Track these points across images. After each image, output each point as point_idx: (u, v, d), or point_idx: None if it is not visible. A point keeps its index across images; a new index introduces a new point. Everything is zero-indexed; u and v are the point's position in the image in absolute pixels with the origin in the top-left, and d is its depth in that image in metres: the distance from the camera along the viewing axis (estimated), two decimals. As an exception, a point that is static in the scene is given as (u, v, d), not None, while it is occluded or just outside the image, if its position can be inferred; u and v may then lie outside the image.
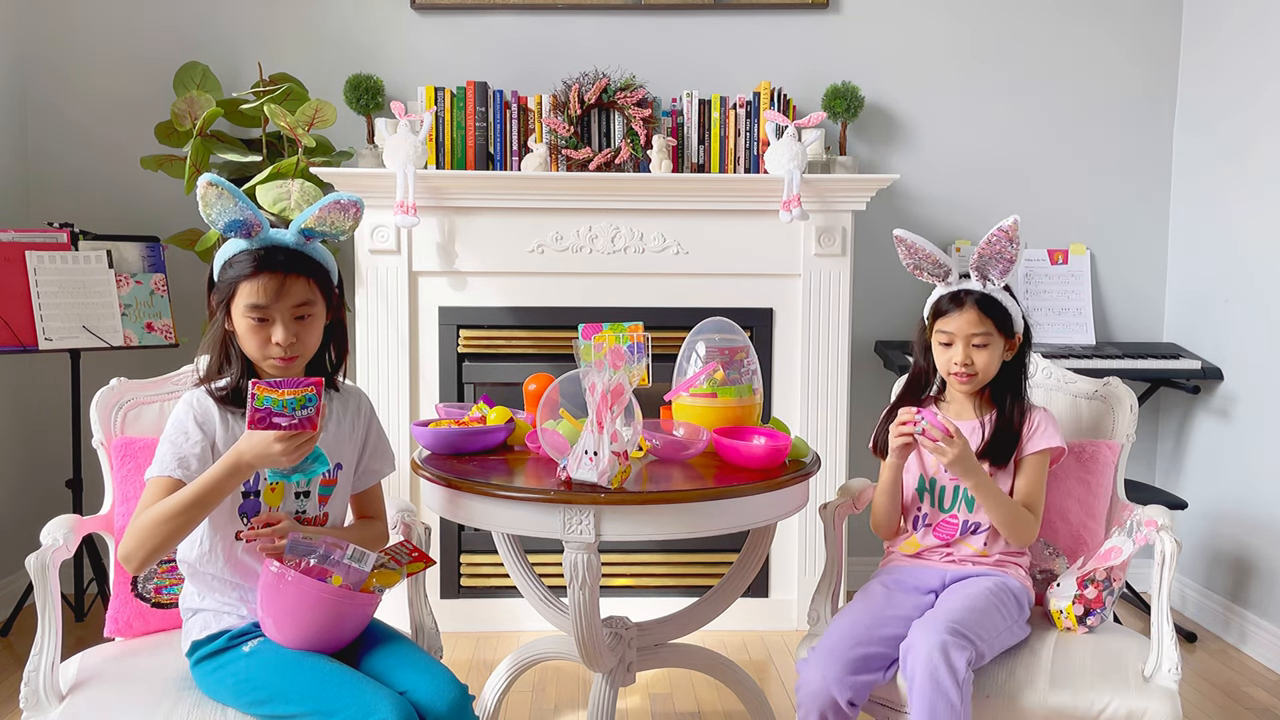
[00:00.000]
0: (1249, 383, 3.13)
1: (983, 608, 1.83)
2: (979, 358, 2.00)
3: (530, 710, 2.65)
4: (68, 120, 3.41)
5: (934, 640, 1.72)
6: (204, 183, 1.63)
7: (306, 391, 1.55)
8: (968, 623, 1.77)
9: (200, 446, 1.66)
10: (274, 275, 1.67)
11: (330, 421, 1.80)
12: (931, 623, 1.77)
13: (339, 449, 1.81)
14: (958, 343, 2.00)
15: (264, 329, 1.68)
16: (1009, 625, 1.87)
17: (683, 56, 3.43)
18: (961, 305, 2.00)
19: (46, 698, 1.66)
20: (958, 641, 1.72)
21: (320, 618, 1.61)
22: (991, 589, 1.90)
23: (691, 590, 3.22)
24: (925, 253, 2.02)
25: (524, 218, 3.11)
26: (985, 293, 2.00)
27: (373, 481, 1.91)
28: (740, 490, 1.84)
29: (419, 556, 1.75)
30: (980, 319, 1.99)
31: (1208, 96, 3.36)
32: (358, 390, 1.91)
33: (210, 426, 1.69)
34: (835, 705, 1.75)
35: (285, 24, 3.41)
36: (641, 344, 2.15)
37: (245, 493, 1.70)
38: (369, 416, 1.90)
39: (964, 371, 2.00)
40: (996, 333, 2.00)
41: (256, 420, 1.54)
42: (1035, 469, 2.01)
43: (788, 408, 3.19)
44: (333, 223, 1.73)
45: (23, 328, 2.87)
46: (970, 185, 3.51)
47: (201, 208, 1.65)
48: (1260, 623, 3.03)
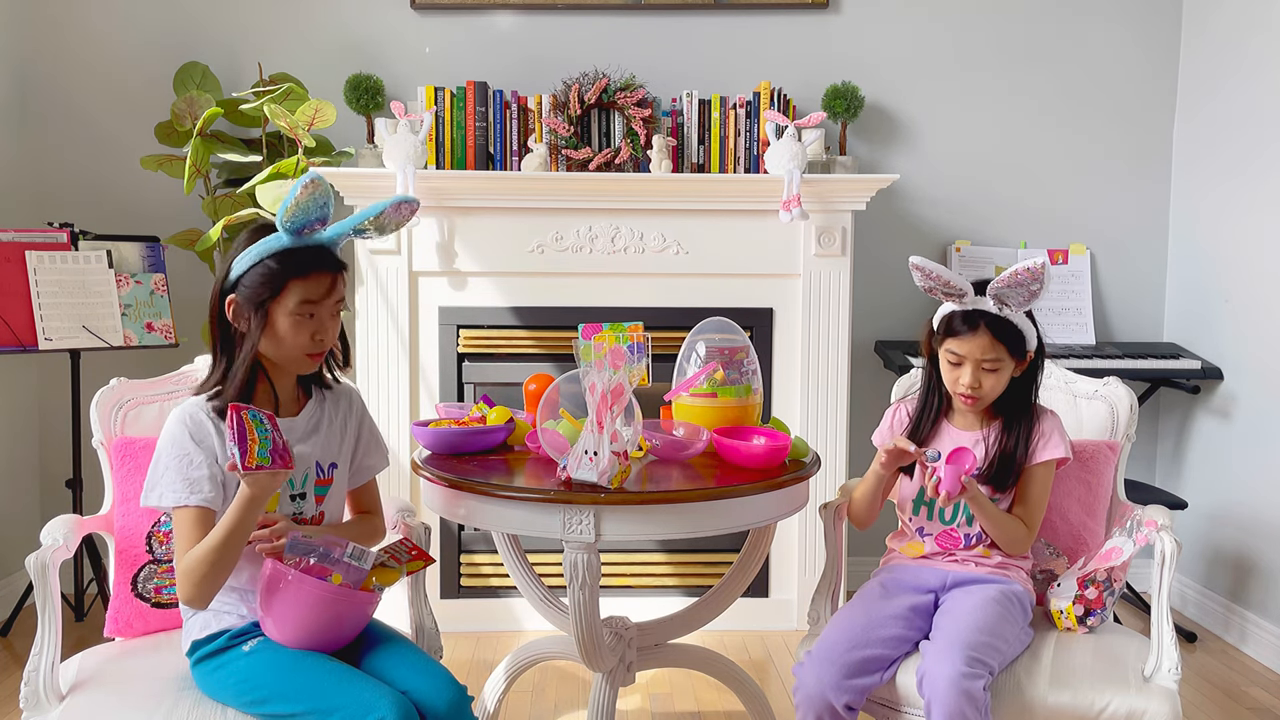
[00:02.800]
0: (1249, 383, 3.13)
1: (994, 624, 1.80)
2: (987, 381, 1.96)
3: (530, 710, 2.65)
4: (68, 120, 3.41)
5: (952, 671, 1.68)
6: (313, 180, 1.64)
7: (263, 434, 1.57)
8: (981, 644, 1.74)
9: (206, 466, 1.65)
10: (325, 273, 1.70)
11: (323, 423, 1.81)
12: (946, 648, 1.73)
13: (333, 448, 1.82)
14: (967, 365, 1.95)
15: (309, 325, 1.70)
16: (1017, 634, 1.86)
17: (683, 56, 3.43)
18: (975, 328, 1.94)
19: (46, 698, 1.66)
20: (974, 671, 1.69)
21: (319, 616, 1.61)
22: (998, 599, 1.87)
23: (691, 590, 3.22)
24: (942, 279, 1.95)
25: (524, 218, 3.11)
26: (999, 315, 1.94)
27: (368, 478, 1.91)
28: (740, 490, 1.84)
29: (418, 554, 1.75)
30: (992, 344, 1.93)
31: (1208, 96, 3.36)
32: (349, 388, 1.91)
33: (208, 442, 1.67)
34: (833, 710, 1.75)
35: (285, 24, 3.41)
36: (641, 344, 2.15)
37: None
38: (360, 413, 1.90)
39: (970, 395, 1.97)
40: (1008, 357, 1.96)
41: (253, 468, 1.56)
42: (1040, 481, 1.99)
43: (788, 408, 3.19)
44: (395, 223, 1.77)
45: (23, 328, 2.87)
46: (970, 185, 3.51)
47: (298, 199, 1.63)
48: (1260, 623, 3.03)
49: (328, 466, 1.80)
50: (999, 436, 2.01)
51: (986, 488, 1.98)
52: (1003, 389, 1.99)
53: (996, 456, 1.99)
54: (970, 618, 1.81)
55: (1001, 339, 1.94)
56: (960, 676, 1.68)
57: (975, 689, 1.68)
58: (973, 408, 2.01)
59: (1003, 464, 1.98)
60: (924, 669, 1.74)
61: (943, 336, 2.00)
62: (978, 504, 1.93)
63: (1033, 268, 1.89)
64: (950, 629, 1.80)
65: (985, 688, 1.70)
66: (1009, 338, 1.95)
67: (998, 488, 1.99)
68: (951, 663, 1.70)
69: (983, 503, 1.94)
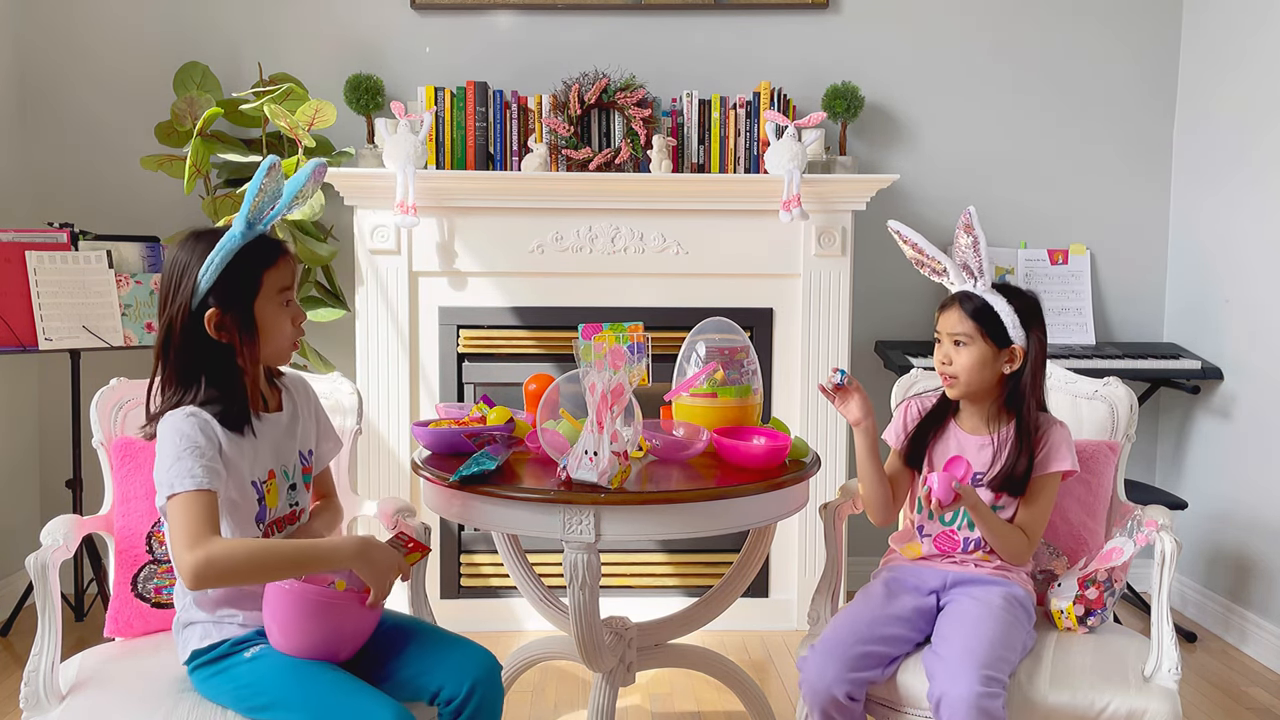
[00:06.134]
0: (1249, 383, 3.13)
1: (1004, 634, 1.79)
2: (958, 358, 1.97)
3: (530, 710, 2.65)
4: (68, 120, 3.41)
5: (969, 693, 1.66)
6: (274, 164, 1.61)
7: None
8: (995, 660, 1.72)
9: (218, 459, 1.59)
10: (286, 255, 1.69)
11: (298, 412, 1.81)
12: (960, 668, 1.71)
13: (310, 436, 1.83)
14: (943, 340, 2.00)
15: (288, 312, 1.68)
16: (1024, 639, 1.85)
17: (683, 56, 3.43)
18: (949, 304, 2.01)
19: (46, 698, 1.66)
20: (991, 690, 1.67)
21: (321, 626, 1.59)
22: (1003, 606, 1.85)
23: (691, 590, 3.22)
24: (919, 246, 2.05)
25: (524, 218, 3.11)
26: (970, 292, 1.99)
27: (326, 463, 1.92)
28: (740, 490, 1.84)
29: (415, 547, 1.73)
30: (960, 318, 1.97)
31: (1208, 96, 3.36)
32: (301, 376, 1.89)
33: (215, 437, 1.61)
34: (836, 701, 1.75)
35: (285, 24, 3.41)
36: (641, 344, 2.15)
37: (259, 499, 1.68)
38: (317, 401, 1.89)
39: (944, 371, 1.99)
40: (981, 337, 1.96)
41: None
42: (1046, 493, 1.98)
43: (788, 408, 3.19)
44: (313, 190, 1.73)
45: (23, 328, 2.87)
46: (970, 185, 3.50)
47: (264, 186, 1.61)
48: (1260, 623, 3.03)
49: (308, 454, 1.81)
50: (1011, 442, 1.99)
51: (996, 494, 1.97)
52: (980, 376, 1.97)
53: (1007, 461, 1.97)
54: (980, 630, 1.78)
55: (972, 316, 1.97)
56: (978, 697, 1.66)
57: (995, 708, 1.66)
58: (952, 389, 2.01)
59: (1013, 469, 1.97)
60: (939, 690, 1.70)
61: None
62: (978, 513, 1.93)
63: (961, 223, 2.01)
64: (960, 644, 1.76)
65: (1004, 705, 1.69)
66: (983, 318, 1.97)
67: (1010, 494, 1.97)
68: (968, 683, 1.67)
69: (983, 512, 1.93)
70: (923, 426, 2.08)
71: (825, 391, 2.04)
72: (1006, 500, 1.99)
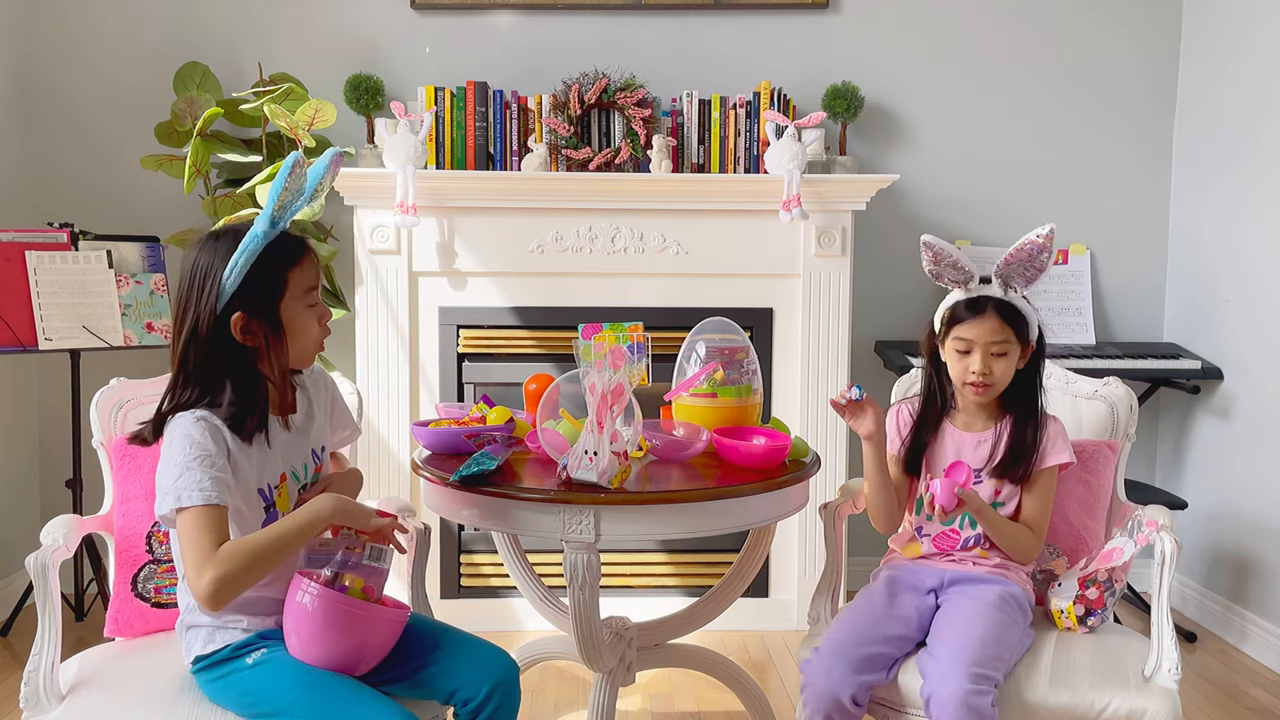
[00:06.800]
0: (1249, 383, 3.13)
1: (997, 632, 1.78)
2: (997, 367, 1.94)
3: (530, 710, 2.65)
4: (68, 120, 3.41)
5: (958, 690, 1.66)
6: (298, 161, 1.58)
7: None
8: (986, 657, 1.72)
9: (227, 470, 1.56)
10: (309, 253, 1.65)
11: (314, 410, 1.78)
12: (950, 666, 1.70)
13: (324, 433, 1.81)
14: (976, 351, 1.94)
15: (314, 312, 1.65)
16: (1019, 637, 1.85)
17: (682, 56, 3.43)
18: (981, 312, 1.94)
19: (46, 698, 1.66)
20: (980, 688, 1.67)
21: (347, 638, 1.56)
22: (998, 604, 1.85)
23: (691, 590, 3.22)
24: (952, 259, 1.96)
25: (524, 218, 3.11)
26: (1005, 299, 1.95)
27: (343, 448, 1.92)
28: (740, 490, 1.84)
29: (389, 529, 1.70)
30: (1000, 326, 1.93)
31: (1208, 96, 3.36)
32: (317, 368, 1.84)
33: (224, 443, 1.58)
34: (840, 705, 1.74)
35: (285, 24, 3.41)
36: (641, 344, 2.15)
37: (266, 506, 1.66)
38: (333, 390, 1.86)
39: (981, 382, 1.95)
40: (1015, 340, 1.95)
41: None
42: (1045, 486, 1.98)
43: (788, 408, 3.19)
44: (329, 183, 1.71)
45: (23, 328, 2.87)
46: (970, 185, 3.51)
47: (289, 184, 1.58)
48: (1260, 623, 3.03)
49: (320, 451, 1.79)
50: (1010, 432, 1.99)
51: (999, 481, 1.97)
52: (1010, 377, 1.97)
53: (1008, 451, 1.98)
54: (972, 629, 1.78)
55: (1009, 321, 1.94)
56: (966, 694, 1.66)
57: (983, 705, 1.66)
58: (983, 396, 1.98)
59: (1015, 457, 1.97)
60: (930, 688, 1.71)
61: (948, 328, 1.99)
62: (983, 516, 1.93)
63: (1042, 237, 1.90)
64: (952, 642, 1.76)
65: (994, 703, 1.69)
66: (1016, 320, 1.95)
67: (1012, 480, 1.97)
68: (957, 681, 1.67)
69: (987, 514, 1.93)
70: (918, 430, 2.08)
71: (838, 406, 1.98)
72: (1008, 493, 1.99)
